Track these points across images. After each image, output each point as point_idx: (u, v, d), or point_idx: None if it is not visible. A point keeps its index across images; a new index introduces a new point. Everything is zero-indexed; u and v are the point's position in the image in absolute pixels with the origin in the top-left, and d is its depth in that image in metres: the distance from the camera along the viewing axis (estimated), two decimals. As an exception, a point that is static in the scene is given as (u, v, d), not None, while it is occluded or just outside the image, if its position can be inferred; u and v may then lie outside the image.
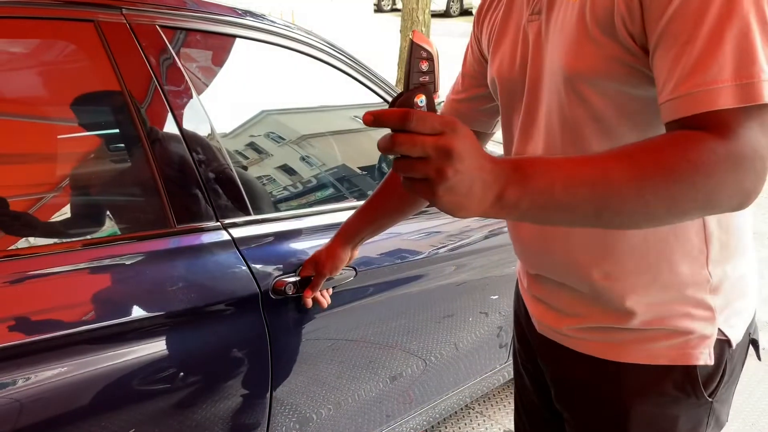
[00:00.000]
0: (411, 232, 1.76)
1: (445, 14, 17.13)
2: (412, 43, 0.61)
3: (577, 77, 0.80)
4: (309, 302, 1.36)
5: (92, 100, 1.28)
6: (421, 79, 0.61)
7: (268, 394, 1.39)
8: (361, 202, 1.69)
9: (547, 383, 1.05)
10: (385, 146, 0.59)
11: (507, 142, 1.00)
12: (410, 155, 0.58)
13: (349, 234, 1.33)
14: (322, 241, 1.51)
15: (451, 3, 17.34)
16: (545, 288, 0.98)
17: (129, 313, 1.16)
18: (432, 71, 0.61)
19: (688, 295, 0.85)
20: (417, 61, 0.61)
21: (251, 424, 1.39)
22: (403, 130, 0.57)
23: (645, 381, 0.88)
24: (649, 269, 0.85)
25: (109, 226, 1.26)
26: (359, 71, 1.74)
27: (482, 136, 1.16)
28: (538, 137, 0.90)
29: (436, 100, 0.63)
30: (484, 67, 1.07)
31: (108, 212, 1.28)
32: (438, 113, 0.60)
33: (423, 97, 0.61)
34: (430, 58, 0.61)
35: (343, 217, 1.60)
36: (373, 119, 0.59)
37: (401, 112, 0.57)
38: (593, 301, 0.90)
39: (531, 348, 1.08)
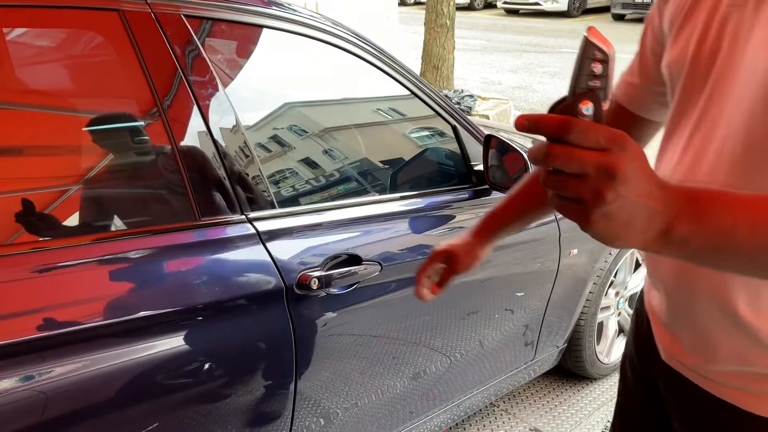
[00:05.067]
0: (435, 227, 1.73)
1: (469, 7, 17.00)
2: (585, 40, 0.52)
3: None
4: (429, 296, 1.14)
5: (116, 91, 1.27)
6: (590, 83, 0.52)
7: (292, 389, 1.37)
8: (384, 195, 1.68)
9: (659, 402, 0.95)
10: (535, 157, 0.51)
11: (667, 146, 0.85)
12: (564, 170, 0.51)
13: (493, 229, 1.13)
14: (347, 234, 1.49)
15: (475, -4, 17.21)
16: (679, 318, 0.85)
17: (153, 306, 1.15)
18: (605, 75, 0.52)
19: None
20: (589, 62, 0.52)
21: (275, 417, 1.37)
22: (561, 141, 0.50)
23: None
24: None
25: (134, 219, 1.25)
26: (385, 62, 1.71)
27: (654, 125, 0.98)
28: (710, 149, 0.75)
29: (605, 109, 0.52)
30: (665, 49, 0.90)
31: (133, 205, 1.27)
32: (605, 124, 0.51)
33: (590, 105, 0.52)
34: (605, 61, 0.52)
35: (367, 210, 1.59)
36: (528, 124, 0.51)
37: (561, 120, 0.50)
38: (738, 342, 0.78)
39: (651, 371, 0.96)
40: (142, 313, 1.13)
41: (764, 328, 0.74)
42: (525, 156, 1.68)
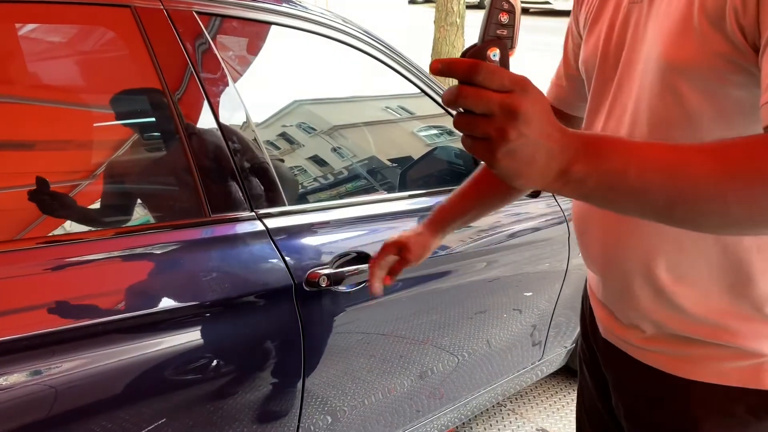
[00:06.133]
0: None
1: (479, 6, 16.95)
2: None
3: (674, 69, 0.74)
4: (380, 289, 1.14)
5: (128, 87, 1.27)
6: (498, 31, 0.57)
7: (300, 386, 1.37)
8: (394, 194, 1.68)
9: (606, 381, 1.01)
10: (448, 98, 0.55)
11: (588, 129, 0.93)
12: (473, 110, 0.54)
13: (443, 221, 1.18)
14: (357, 232, 1.49)
15: (485, -6, 17.18)
16: (611, 293, 0.93)
17: (163, 302, 1.15)
18: (512, 25, 0.57)
19: (766, 314, 0.79)
20: (497, 12, 0.57)
21: (283, 414, 1.38)
22: (471, 84, 0.54)
23: (715, 400, 0.83)
24: (724, 278, 0.79)
25: (144, 215, 1.25)
26: (395, 60, 1.70)
27: (581, 120, 1.06)
28: (622, 131, 0.83)
29: (512, 58, 0.59)
30: None
31: (142, 201, 1.27)
32: (511, 71, 0.56)
33: (497, 51, 0.57)
34: (511, 11, 0.57)
35: (377, 208, 1.58)
36: (441, 67, 0.55)
37: (470, 63, 0.54)
38: (660, 309, 0.84)
39: (594, 351, 1.04)
40: (151, 309, 1.13)
41: (682, 293, 0.81)
42: None
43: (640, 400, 0.92)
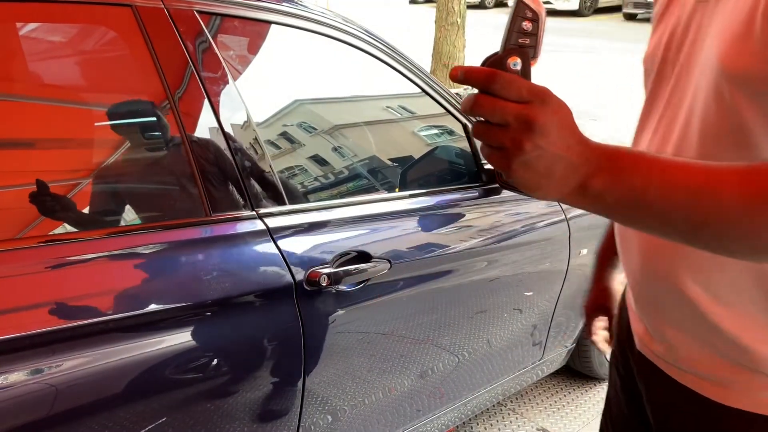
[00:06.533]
0: (444, 225, 1.72)
1: (480, 5, 16.95)
2: (518, 0, 0.56)
3: (730, 77, 0.68)
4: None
5: (129, 86, 1.27)
6: (520, 40, 0.55)
7: (300, 385, 1.37)
8: (394, 193, 1.68)
9: (642, 399, 0.97)
10: (466, 107, 0.55)
11: (640, 135, 0.88)
12: (490, 120, 0.54)
13: (608, 262, 1.19)
14: (357, 231, 1.49)
15: (486, -6, 17.16)
16: (646, 305, 0.89)
17: (163, 301, 1.15)
18: (535, 34, 0.56)
19: None
20: (520, 20, 0.55)
21: (284, 413, 1.38)
22: (489, 92, 0.53)
23: (751, 430, 0.79)
24: (766, 303, 0.74)
25: (145, 214, 1.25)
26: (396, 59, 1.70)
27: None
28: (673, 136, 0.77)
29: (534, 67, 0.57)
30: None
31: (143, 200, 1.27)
32: (531, 81, 0.55)
33: (518, 60, 0.55)
34: (535, 20, 0.56)
35: (377, 208, 1.58)
36: (460, 75, 0.54)
37: (488, 72, 0.53)
38: (696, 327, 0.80)
39: (628, 361, 1.00)
40: (152, 308, 1.13)
41: (719, 313, 0.76)
42: None
43: (672, 418, 0.89)
